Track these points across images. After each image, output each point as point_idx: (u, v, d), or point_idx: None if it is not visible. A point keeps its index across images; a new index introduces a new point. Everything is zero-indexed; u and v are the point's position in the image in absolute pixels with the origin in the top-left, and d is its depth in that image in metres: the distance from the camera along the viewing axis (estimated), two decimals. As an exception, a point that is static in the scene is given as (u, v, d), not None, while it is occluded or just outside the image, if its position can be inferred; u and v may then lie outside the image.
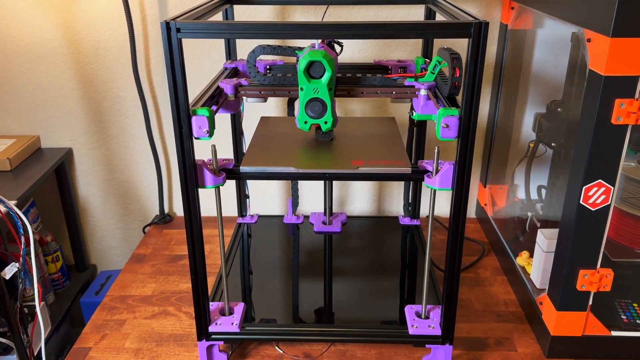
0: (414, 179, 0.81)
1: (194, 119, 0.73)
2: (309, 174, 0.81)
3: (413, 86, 0.88)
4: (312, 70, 0.79)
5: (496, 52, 1.24)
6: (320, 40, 0.84)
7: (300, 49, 0.88)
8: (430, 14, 1.03)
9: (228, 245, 1.15)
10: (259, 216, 1.24)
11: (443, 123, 0.73)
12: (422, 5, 1.07)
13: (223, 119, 1.28)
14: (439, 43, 1.18)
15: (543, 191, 1.23)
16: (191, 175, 0.76)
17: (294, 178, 0.90)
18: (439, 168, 0.78)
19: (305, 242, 1.16)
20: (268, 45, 0.90)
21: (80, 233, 1.44)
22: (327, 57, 0.78)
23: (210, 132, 0.74)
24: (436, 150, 0.77)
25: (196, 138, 0.75)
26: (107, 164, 1.38)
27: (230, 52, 1.06)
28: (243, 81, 0.90)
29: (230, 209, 1.30)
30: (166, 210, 1.42)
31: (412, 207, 1.19)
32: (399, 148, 0.88)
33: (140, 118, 1.30)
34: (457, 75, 0.79)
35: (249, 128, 1.18)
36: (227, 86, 0.87)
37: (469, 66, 0.69)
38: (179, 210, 1.44)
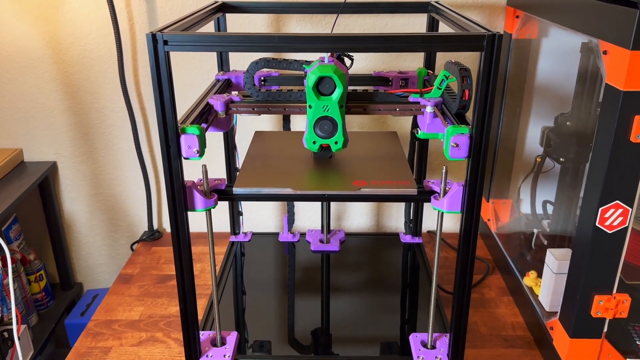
0: (420, 201, 0.76)
1: (183, 138, 0.68)
2: (307, 196, 0.75)
3: (418, 102, 0.83)
4: (322, 87, 0.74)
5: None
6: (329, 53, 0.79)
7: (308, 62, 0.82)
8: (433, 24, 0.98)
9: (220, 266, 1.09)
10: (253, 234, 1.18)
11: (452, 142, 0.67)
12: (423, 14, 1.02)
13: (215, 133, 1.22)
14: (443, 54, 1.13)
15: (548, 206, 1.18)
16: (180, 198, 0.70)
17: (291, 199, 0.84)
18: (447, 189, 0.73)
19: (301, 262, 1.10)
20: (273, 58, 0.84)
21: (65, 250, 1.37)
22: (338, 72, 0.72)
23: (201, 152, 0.69)
24: (444, 171, 0.72)
25: (185, 158, 0.69)
26: (94, 178, 1.32)
27: (223, 63, 1.01)
28: (234, 97, 0.85)
29: (222, 224, 1.24)
30: (155, 227, 1.35)
31: (414, 224, 1.14)
32: (402, 166, 0.83)
33: (127, 130, 1.25)
34: (467, 98, 0.73)
35: (242, 141, 1.12)
36: (217, 102, 0.81)
37: (481, 81, 0.64)
38: (168, 226, 1.37)
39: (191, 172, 0.82)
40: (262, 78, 0.98)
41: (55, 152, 1.29)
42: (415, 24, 1.15)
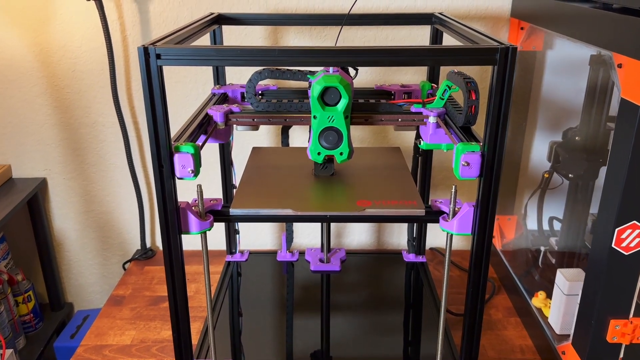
0: (428, 221, 0.72)
1: (176, 157, 0.64)
2: (308, 217, 0.71)
3: (420, 113, 0.79)
4: (327, 97, 0.71)
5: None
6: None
7: (312, 73, 0.79)
8: (436, 36, 0.95)
9: (216, 287, 1.04)
10: (250, 253, 1.14)
11: (463, 160, 0.64)
12: (426, 26, 0.99)
13: (211, 148, 1.18)
14: (448, 67, 1.10)
15: (555, 223, 1.14)
16: (173, 221, 0.66)
17: (291, 221, 0.80)
18: (457, 209, 0.69)
19: (300, 282, 1.06)
20: (277, 68, 0.81)
21: (55, 269, 1.32)
22: (344, 82, 0.70)
23: (196, 172, 0.65)
24: (453, 190, 0.68)
25: (179, 178, 0.65)
26: (85, 195, 1.28)
27: (219, 77, 0.97)
28: (234, 107, 0.81)
29: (218, 242, 1.19)
30: (148, 245, 1.31)
31: (417, 242, 1.10)
32: (408, 184, 0.79)
33: (120, 145, 1.20)
34: (474, 98, 0.70)
35: (237, 156, 1.08)
36: (217, 113, 0.78)
37: (494, 97, 0.60)
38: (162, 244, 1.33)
39: (184, 189, 0.78)
40: (260, 92, 0.94)
41: (45, 168, 1.25)
42: (417, 36, 1.12)
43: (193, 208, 0.70)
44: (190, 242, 0.91)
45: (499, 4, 1.12)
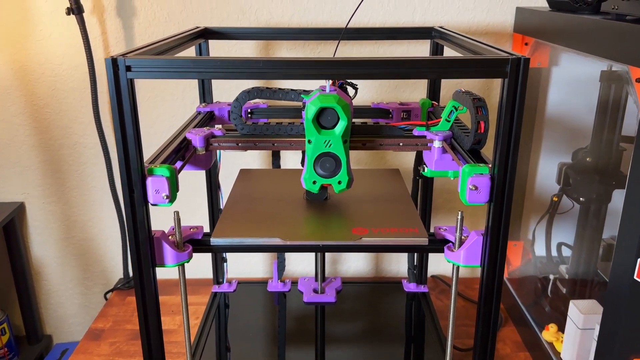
0: (431, 251, 0.65)
1: (149, 181, 0.57)
2: (299, 247, 0.64)
3: (424, 136, 0.73)
4: (323, 119, 0.64)
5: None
6: (330, 82, 0.69)
7: (307, 92, 0.73)
8: (437, 50, 0.89)
9: (201, 320, 0.96)
10: (239, 283, 1.06)
11: (470, 184, 0.57)
12: (426, 41, 0.94)
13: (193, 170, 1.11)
14: (448, 83, 1.04)
15: (564, 249, 1.07)
16: (146, 252, 0.59)
17: (280, 251, 0.72)
18: (464, 238, 0.62)
19: (293, 314, 0.98)
20: (267, 88, 0.74)
21: (32, 299, 1.24)
22: (342, 102, 0.63)
23: (171, 197, 0.58)
24: (459, 217, 0.61)
25: (153, 204, 0.58)
26: (65, 220, 1.20)
27: (205, 94, 0.91)
28: (216, 130, 0.74)
29: (204, 270, 1.12)
30: (131, 273, 1.23)
31: (418, 271, 1.03)
32: (409, 210, 0.72)
33: (102, 168, 1.14)
34: (482, 131, 0.64)
35: (226, 179, 1.01)
36: (196, 137, 0.71)
37: (504, 113, 0.54)
38: (147, 272, 1.25)
39: (162, 218, 0.71)
40: (249, 110, 0.88)
41: (23, 191, 1.18)
42: (416, 52, 1.06)
43: (170, 237, 0.63)
44: (172, 269, 0.84)
45: (500, 20, 1.07)
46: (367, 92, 1.10)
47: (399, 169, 0.89)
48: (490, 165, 0.58)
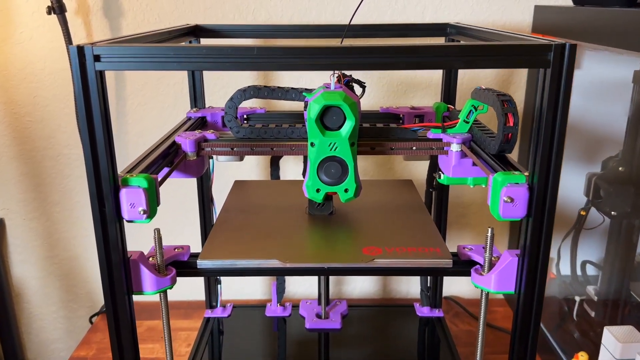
0: (456, 274, 0.56)
1: (123, 193, 0.48)
2: (300, 270, 0.55)
3: (440, 140, 0.64)
4: (328, 119, 0.57)
5: (524, 98, 1.02)
6: (335, 79, 0.62)
7: (309, 90, 0.65)
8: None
9: (192, 348, 0.87)
10: (234, 307, 0.96)
11: (505, 196, 0.48)
12: (440, 38, 0.85)
13: (187, 182, 1.03)
14: (466, 85, 0.96)
15: (589, 268, 0.98)
16: (120, 278, 0.50)
17: (278, 274, 0.63)
18: (494, 259, 0.53)
19: (294, 342, 0.89)
20: (265, 86, 0.66)
21: (12, 323, 1.15)
22: (348, 100, 0.55)
23: (150, 212, 0.49)
24: (489, 235, 0.52)
25: (128, 221, 0.49)
26: (48, 238, 1.12)
27: (197, 98, 0.82)
28: (209, 134, 0.66)
29: (197, 291, 1.02)
30: (119, 296, 1.13)
31: (433, 292, 0.93)
32: (427, 226, 0.63)
33: (83, 180, 1.04)
34: (511, 125, 0.55)
35: (221, 193, 0.92)
36: (187, 141, 0.63)
37: (545, 109, 0.45)
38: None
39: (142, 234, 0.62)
40: (245, 116, 0.79)
41: (3, 207, 1.10)
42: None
43: (150, 260, 0.54)
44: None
45: (518, 19, 0.99)
46: (373, 97, 1.02)
47: (412, 180, 0.80)
48: (526, 173, 0.49)
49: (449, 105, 0.78)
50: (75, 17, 0.97)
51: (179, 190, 1.06)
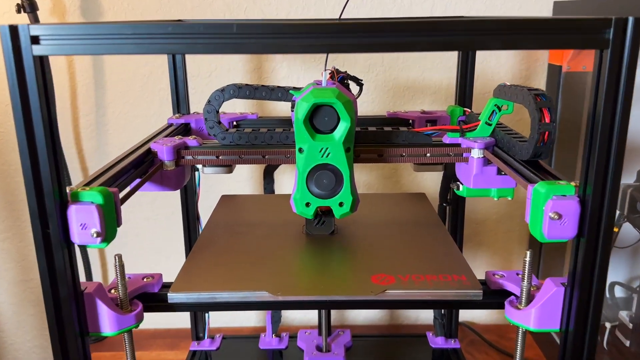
0: (485, 307, 0.46)
1: (71, 211, 0.38)
2: (295, 303, 0.45)
3: (459, 145, 0.55)
4: (319, 120, 0.49)
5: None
6: (328, 75, 0.54)
7: (297, 89, 0.56)
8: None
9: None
10: (223, 338, 0.86)
11: (551, 211, 0.38)
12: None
13: (169, 197, 0.93)
14: (479, 90, 0.87)
15: (618, 289, 0.88)
16: (70, 316, 0.40)
17: (268, 308, 0.52)
18: (533, 289, 0.43)
19: (291, 378, 0.78)
20: (247, 85, 0.57)
21: (-18, 355, 1.05)
22: (343, 97, 0.48)
23: (106, 235, 0.39)
24: (527, 259, 0.42)
25: (80, 246, 0.40)
26: (21, 261, 1.02)
27: (180, 102, 0.73)
28: (190, 140, 0.57)
29: (184, 318, 0.92)
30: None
31: (448, 320, 0.83)
32: (447, 248, 0.54)
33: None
34: (548, 121, 0.46)
35: (208, 210, 0.83)
36: (163, 148, 0.54)
37: (602, 103, 0.36)
38: (118, 321, 1.05)
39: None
40: (235, 123, 0.70)
41: (-29, 227, 1.00)
42: (435, 54, 0.89)
43: (111, 291, 0.44)
44: (151, 319, 0.65)
45: (535, 11, 0.90)
46: (376, 104, 0.93)
47: (424, 193, 0.71)
48: (574, 183, 0.40)
49: (465, 109, 0.69)
50: (50, 17, 0.89)
51: (163, 208, 0.96)
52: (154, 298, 0.45)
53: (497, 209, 0.98)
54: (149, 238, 0.98)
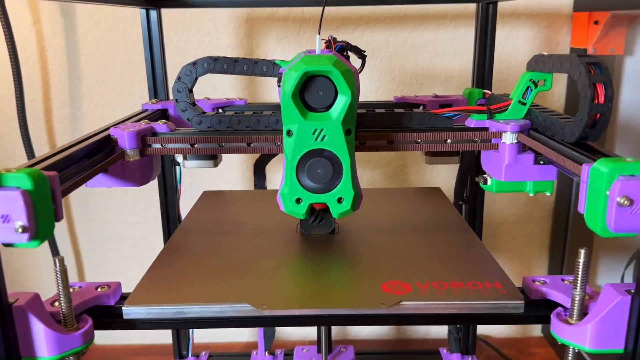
0: (526, 321, 0.36)
1: (-12, 199, 0.29)
2: (286, 319, 0.36)
3: (486, 128, 0.46)
4: (311, 95, 0.41)
5: (566, 91, 0.84)
6: (324, 44, 0.46)
7: (285, 62, 0.47)
8: (487, 14, 0.63)
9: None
10: (210, 356, 0.76)
11: (620, 195, 0.29)
12: (459, 29, 0.68)
13: (146, 194, 0.85)
14: (502, 60, 0.78)
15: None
16: (-9, 338, 0.30)
17: (253, 325, 0.43)
18: (587, 298, 0.34)
19: (287, 402, 0.68)
20: (224, 57, 0.48)
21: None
22: (341, 65, 0.39)
23: (37, 231, 0.30)
24: (581, 258, 0.33)
25: (6, 245, 0.31)
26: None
27: (157, 87, 0.64)
28: (159, 125, 0.48)
29: (166, 333, 0.83)
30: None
31: (464, 334, 0.73)
32: (474, 249, 0.44)
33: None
34: (602, 101, 0.37)
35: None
36: (124, 133, 0.45)
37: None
38: (96, 336, 0.95)
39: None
40: (219, 110, 0.61)
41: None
42: (446, 40, 0.81)
43: (54, 304, 0.35)
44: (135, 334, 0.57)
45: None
46: (381, 93, 0.84)
47: (440, 187, 0.61)
48: (645, 161, 0.31)
49: (485, 91, 0.60)
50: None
51: (137, 204, 0.87)
52: (107, 313, 0.36)
53: (514, 210, 0.89)
54: (130, 245, 0.89)
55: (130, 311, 0.35)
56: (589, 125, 0.39)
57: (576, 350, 0.35)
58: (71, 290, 0.38)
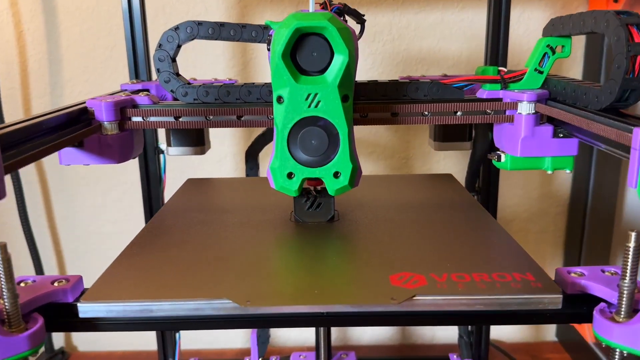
0: (564, 319, 0.30)
1: None
2: (275, 317, 0.30)
3: (500, 99, 0.41)
4: (304, 56, 0.36)
5: (582, 77, 0.79)
6: (319, 5, 0.41)
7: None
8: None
9: None
10: (200, 363, 0.70)
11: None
12: (466, 12, 0.62)
13: (130, 190, 0.79)
14: (513, 56, 0.73)
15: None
16: None
17: (233, 326, 0.36)
18: (637, 292, 0.28)
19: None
20: (209, 21, 0.43)
21: None
22: (337, 22, 0.35)
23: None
24: (631, 242, 0.27)
25: None
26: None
27: (137, 66, 0.58)
28: (140, 97, 0.43)
29: (149, 338, 0.77)
30: (58, 345, 0.88)
31: (476, 339, 0.67)
32: (499, 237, 0.38)
33: (12, 198, 0.80)
34: (636, 75, 0.32)
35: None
36: (102, 104, 0.40)
37: None
38: (80, 342, 0.89)
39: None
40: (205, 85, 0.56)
41: None
42: (452, 22, 0.75)
43: (-5, 302, 0.29)
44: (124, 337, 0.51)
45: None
46: (384, 77, 0.78)
47: (452, 174, 0.55)
48: None
49: (500, 68, 0.54)
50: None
51: (133, 209, 0.81)
52: (62, 311, 0.30)
53: (527, 206, 0.83)
54: (114, 244, 0.83)
55: (87, 308, 0.29)
56: (629, 72, 0.33)
57: (625, 354, 0.29)
58: (22, 284, 0.32)
